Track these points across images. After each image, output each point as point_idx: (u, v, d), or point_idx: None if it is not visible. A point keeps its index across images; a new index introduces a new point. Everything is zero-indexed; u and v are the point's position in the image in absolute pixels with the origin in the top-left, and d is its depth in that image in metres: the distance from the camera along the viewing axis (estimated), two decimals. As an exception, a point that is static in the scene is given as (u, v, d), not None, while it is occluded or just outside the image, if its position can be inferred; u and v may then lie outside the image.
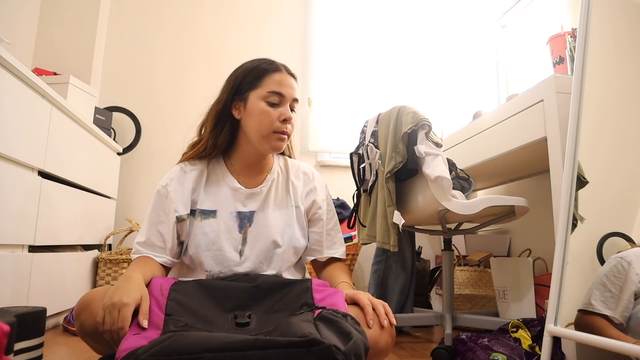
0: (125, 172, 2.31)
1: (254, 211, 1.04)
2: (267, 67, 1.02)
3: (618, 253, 1.01)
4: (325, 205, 1.12)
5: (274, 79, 1.00)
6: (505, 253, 2.16)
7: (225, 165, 1.07)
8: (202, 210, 1.01)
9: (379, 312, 0.85)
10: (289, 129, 1.02)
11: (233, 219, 1.02)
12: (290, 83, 1.02)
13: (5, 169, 1.21)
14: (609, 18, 1.20)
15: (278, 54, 2.62)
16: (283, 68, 1.04)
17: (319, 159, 2.59)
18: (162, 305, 0.79)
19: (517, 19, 2.53)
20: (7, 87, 1.20)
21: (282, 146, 1.02)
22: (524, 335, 1.23)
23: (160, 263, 0.98)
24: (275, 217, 1.04)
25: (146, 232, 1.00)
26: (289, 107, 1.01)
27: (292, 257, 1.05)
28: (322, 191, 1.13)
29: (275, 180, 1.09)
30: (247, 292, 0.87)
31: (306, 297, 0.85)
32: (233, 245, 0.99)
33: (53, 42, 2.25)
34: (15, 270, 1.27)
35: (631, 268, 0.97)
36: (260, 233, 1.02)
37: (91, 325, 0.77)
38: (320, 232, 1.10)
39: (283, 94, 1.00)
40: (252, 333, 0.78)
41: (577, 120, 1.04)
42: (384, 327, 0.83)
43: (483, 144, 1.65)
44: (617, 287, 0.97)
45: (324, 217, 1.11)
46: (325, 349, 0.57)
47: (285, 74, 1.03)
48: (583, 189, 1.05)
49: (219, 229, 0.99)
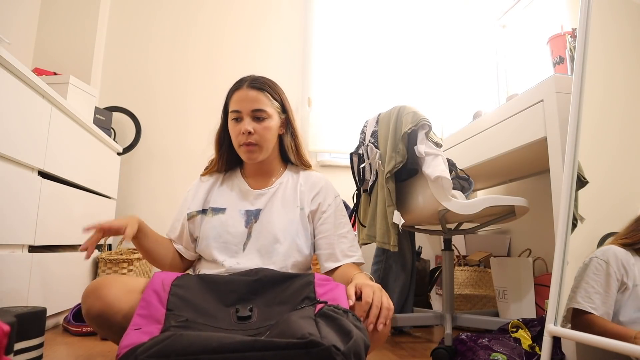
0: (125, 172, 2.31)
1: (261, 209, 1.10)
2: (233, 88, 1.12)
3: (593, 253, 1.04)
4: (332, 209, 1.13)
5: (234, 98, 1.10)
6: (505, 253, 2.16)
7: (240, 171, 1.19)
8: (213, 208, 1.12)
9: (371, 314, 0.81)
10: (255, 139, 1.07)
11: (241, 215, 1.09)
12: (248, 97, 1.08)
13: (5, 169, 1.21)
14: (609, 18, 1.19)
15: (278, 54, 2.63)
16: (245, 83, 1.10)
17: (319, 159, 2.59)
18: (164, 300, 0.80)
19: (517, 19, 2.53)
20: (7, 87, 1.20)
21: (252, 157, 1.09)
22: (524, 335, 1.23)
23: (176, 250, 1.14)
24: (280, 215, 1.09)
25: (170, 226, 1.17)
26: (249, 120, 1.07)
27: (294, 254, 1.06)
28: (328, 196, 1.15)
29: (284, 184, 1.15)
30: (248, 286, 0.89)
31: (308, 291, 0.85)
32: (237, 239, 1.06)
33: (53, 42, 2.25)
34: (15, 270, 1.27)
35: (609, 266, 1.00)
36: (264, 229, 1.07)
37: (97, 311, 0.83)
38: (331, 236, 1.10)
39: (239, 109, 1.08)
40: (253, 326, 0.79)
41: (577, 120, 1.04)
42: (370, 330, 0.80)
43: (483, 144, 1.65)
44: (600, 284, 1.00)
45: (331, 220, 1.12)
46: (324, 351, 0.57)
47: (244, 89, 1.09)
48: (583, 189, 1.05)
49: (226, 223, 1.08)
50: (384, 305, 0.83)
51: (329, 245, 1.10)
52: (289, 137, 1.16)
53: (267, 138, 1.09)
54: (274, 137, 1.12)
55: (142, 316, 0.78)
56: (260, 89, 1.09)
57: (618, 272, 1.00)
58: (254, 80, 1.10)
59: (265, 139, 1.09)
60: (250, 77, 1.12)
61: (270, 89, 1.11)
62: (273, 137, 1.12)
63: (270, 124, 1.09)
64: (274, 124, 1.10)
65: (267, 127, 1.08)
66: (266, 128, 1.08)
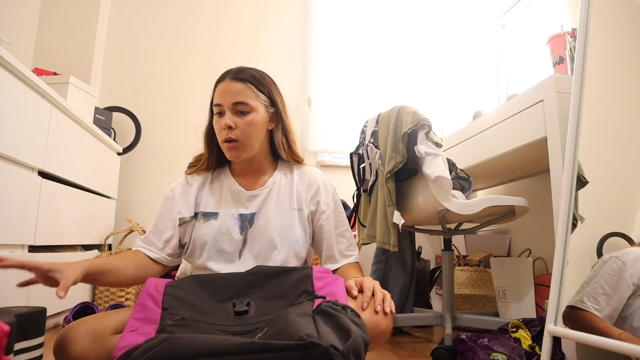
0: (125, 172, 2.31)
1: (255, 213, 1.04)
2: (217, 80, 1.04)
3: (614, 252, 1.02)
4: (331, 208, 1.09)
5: (217, 90, 1.02)
6: (505, 253, 2.16)
7: (230, 170, 1.10)
8: (204, 212, 1.04)
9: (377, 298, 0.83)
10: (236, 134, 0.99)
11: (235, 220, 1.03)
12: (230, 89, 1.00)
13: (5, 169, 1.21)
14: (609, 18, 1.19)
15: (278, 54, 2.63)
16: (229, 75, 1.02)
17: (319, 159, 2.59)
18: (159, 300, 0.80)
19: (517, 19, 2.53)
20: (7, 87, 1.20)
21: (234, 154, 1.01)
22: (524, 335, 1.23)
23: (154, 259, 1.02)
24: (275, 218, 1.03)
25: (149, 230, 1.05)
26: (230, 114, 0.99)
27: (291, 260, 1.03)
28: (327, 194, 1.10)
29: (278, 183, 1.08)
30: (245, 280, 0.88)
31: (306, 285, 0.84)
32: (233, 247, 1.01)
33: (53, 42, 2.25)
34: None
35: (625, 268, 0.98)
36: (260, 234, 1.02)
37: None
38: (330, 237, 1.07)
39: (220, 103, 1.00)
40: (251, 321, 0.78)
41: (577, 120, 1.04)
42: (377, 312, 0.81)
43: (483, 144, 1.65)
44: (610, 285, 0.98)
45: (331, 220, 1.08)
46: (322, 352, 0.56)
47: (227, 81, 1.01)
48: (583, 189, 1.05)
49: (219, 230, 1.01)
50: (386, 294, 0.85)
51: (329, 248, 1.08)
52: (280, 133, 1.07)
53: (250, 134, 1.00)
54: (259, 132, 1.02)
55: (137, 319, 0.77)
56: (244, 81, 1.00)
57: (635, 276, 0.96)
58: (238, 72, 1.02)
59: (248, 134, 0.99)
60: (236, 69, 1.03)
61: (256, 80, 1.02)
62: (259, 133, 1.02)
63: (254, 119, 1.00)
64: (259, 118, 1.01)
65: (249, 122, 0.99)
66: (249, 123, 0.99)
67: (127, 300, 1.87)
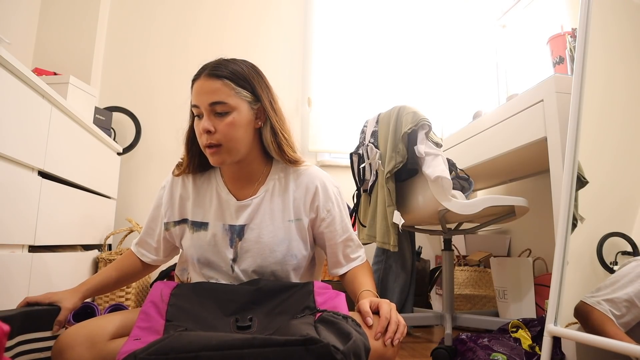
0: (125, 172, 2.31)
1: (244, 225, 0.96)
2: (193, 78, 0.94)
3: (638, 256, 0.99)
4: (332, 214, 1.00)
5: (193, 90, 0.92)
6: (505, 253, 2.16)
7: (221, 174, 1.02)
8: (193, 222, 0.99)
9: (390, 330, 0.78)
10: (217, 138, 0.88)
11: (225, 232, 0.96)
12: (206, 88, 0.89)
13: (5, 169, 1.21)
14: (609, 18, 1.19)
15: (278, 54, 2.63)
16: (204, 72, 0.91)
17: (319, 159, 2.59)
18: (163, 311, 0.81)
19: (517, 19, 2.53)
20: (7, 87, 1.20)
21: (217, 160, 0.91)
22: (524, 335, 1.23)
23: (148, 263, 1.05)
24: (269, 232, 0.95)
25: (143, 231, 1.06)
26: (207, 117, 0.89)
27: (288, 274, 0.98)
28: (326, 199, 1.00)
29: (270, 191, 0.98)
30: (248, 295, 0.88)
31: (308, 301, 0.85)
32: (224, 261, 0.96)
33: (53, 42, 2.25)
34: (15, 270, 1.27)
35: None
36: (251, 249, 0.95)
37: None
38: (333, 245, 1.01)
39: (197, 104, 0.90)
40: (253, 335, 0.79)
41: (577, 120, 1.04)
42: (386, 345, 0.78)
43: (483, 144, 1.65)
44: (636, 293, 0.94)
45: (333, 227, 1.00)
46: (323, 347, 0.57)
47: (202, 79, 0.90)
48: (583, 189, 1.05)
49: (209, 243, 0.96)
50: (401, 323, 0.81)
51: (333, 254, 1.02)
52: (268, 131, 0.94)
53: (233, 136, 0.89)
54: (244, 133, 0.91)
55: (141, 328, 0.78)
56: (220, 77, 0.88)
57: None
58: (215, 67, 0.90)
59: (230, 137, 0.89)
60: (213, 63, 0.92)
61: (235, 74, 0.90)
62: (243, 134, 0.91)
63: (235, 119, 0.89)
64: (242, 117, 0.90)
65: (230, 124, 0.88)
66: (230, 124, 0.88)
67: (127, 301, 1.87)
